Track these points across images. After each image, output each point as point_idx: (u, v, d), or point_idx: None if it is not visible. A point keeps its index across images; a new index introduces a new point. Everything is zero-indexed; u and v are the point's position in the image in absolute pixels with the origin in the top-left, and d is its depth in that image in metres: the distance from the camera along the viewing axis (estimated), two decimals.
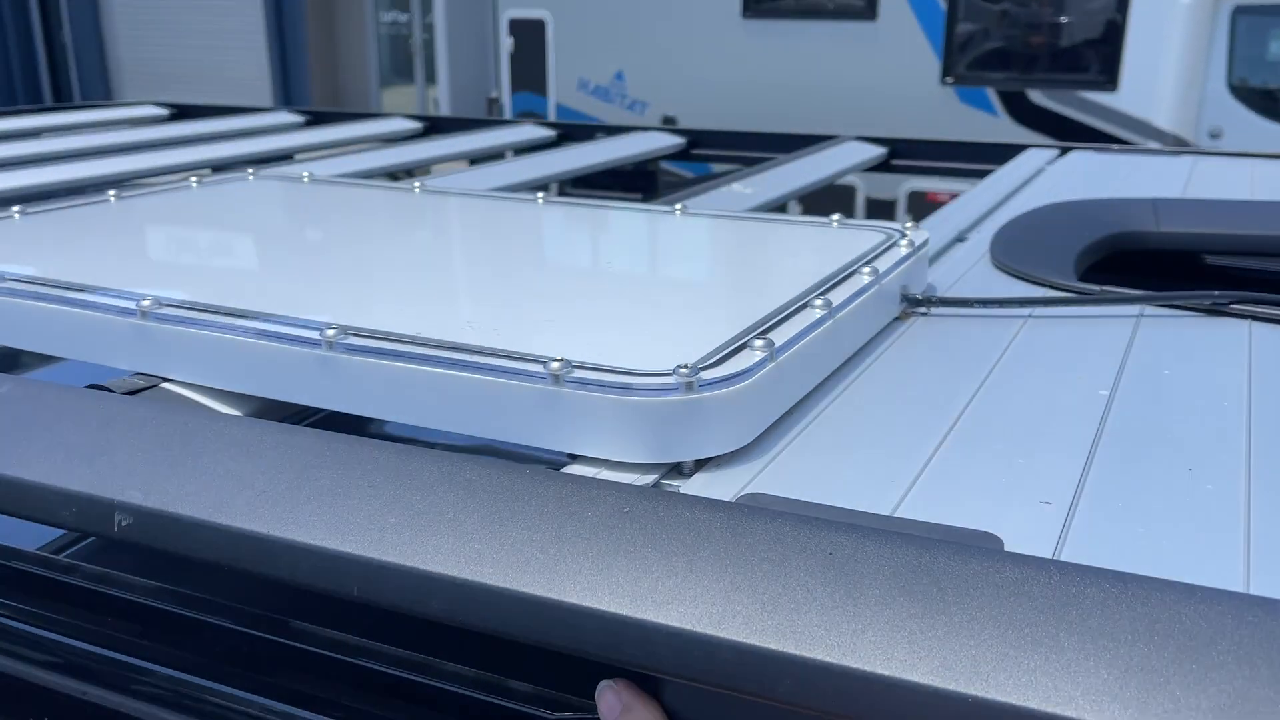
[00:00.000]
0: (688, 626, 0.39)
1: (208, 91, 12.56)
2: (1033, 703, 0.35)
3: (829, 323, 0.59)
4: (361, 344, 0.54)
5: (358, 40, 12.54)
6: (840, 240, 0.77)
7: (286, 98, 12.40)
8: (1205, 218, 1.05)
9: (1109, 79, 5.30)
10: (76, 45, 13.27)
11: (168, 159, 1.56)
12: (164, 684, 0.58)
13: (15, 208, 0.87)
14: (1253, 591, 0.40)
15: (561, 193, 1.91)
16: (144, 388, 0.60)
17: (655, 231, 0.82)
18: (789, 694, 0.37)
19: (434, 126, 1.98)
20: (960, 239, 0.99)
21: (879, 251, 0.73)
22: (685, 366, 0.49)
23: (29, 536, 0.71)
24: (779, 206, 1.30)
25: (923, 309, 0.73)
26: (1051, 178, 1.32)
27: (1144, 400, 0.57)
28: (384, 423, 0.57)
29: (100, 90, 13.24)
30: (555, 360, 0.50)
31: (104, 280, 0.65)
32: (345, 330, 0.55)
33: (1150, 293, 0.74)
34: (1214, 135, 5.00)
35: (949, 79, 5.71)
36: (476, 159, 1.73)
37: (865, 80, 5.97)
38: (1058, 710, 0.34)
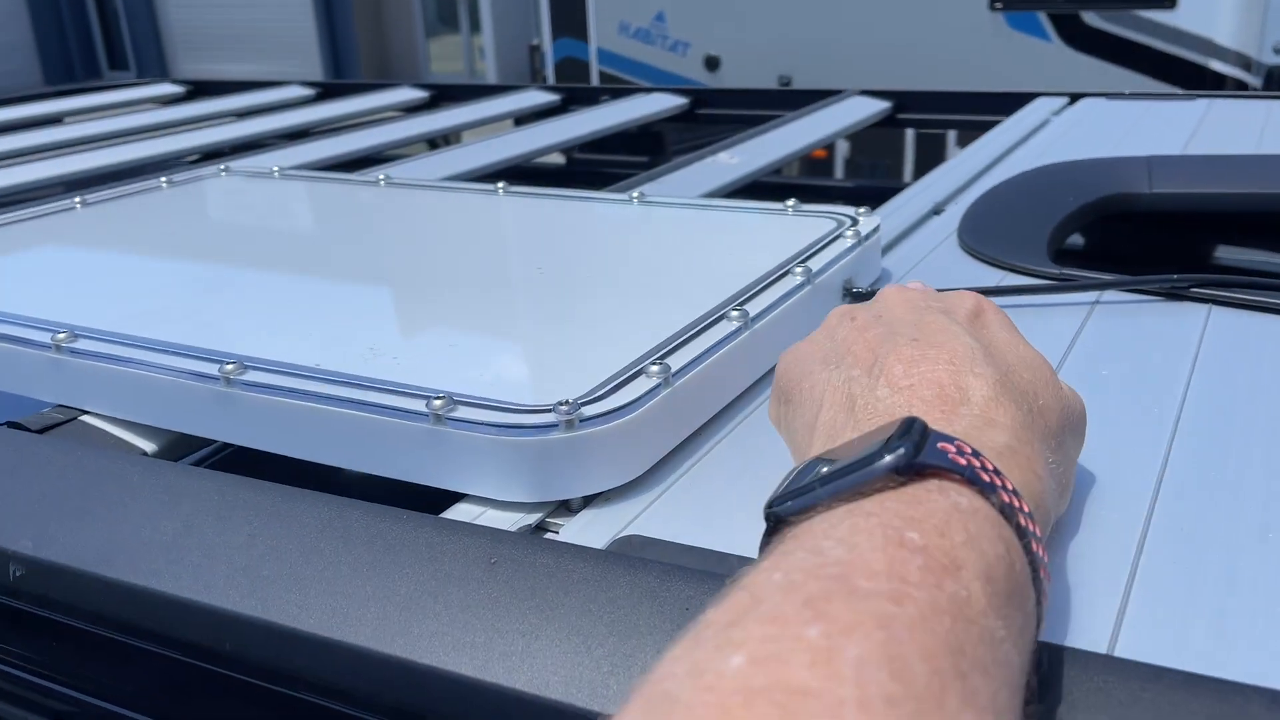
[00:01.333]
0: (534, 691, 0.38)
1: (257, 50, 12.64)
2: None
3: (743, 335, 0.57)
4: (258, 380, 0.54)
5: None
6: (786, 231, 0.74)
7: (333, 53, 12.43)
8: (1207, 175, 1.00)
9: None
10: (129, 12, 13.40)
11: (169, 145, 1.57)
12: (86, 711, 0.59)
13: None
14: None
15: (568, 159, 1.89)
16: (62, 421, 0.61)
17: (602, 228, 0.80)
18: None
19: (441, 95, 1.96)
20: (937, 211, 0.95)
21: (821, 245, 0.70)
22: (565, 403, 0.48)
23: None
24: (776, 170, 1.27)
25: None
26: (1053, 132, 1.26)
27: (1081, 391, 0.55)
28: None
29: (153, 55, 13.39)
30: (438, 398, 0.49)
31: (32, 306, 0.65)
32: (243, 364, 0.55)
33: (1112, 276, 0.71)
34: (1278, 51, 4.77)
35: (998, 4, 5.51)
36: (480, 129, 1.71)
37: (913, 10, 5.79)
38: None
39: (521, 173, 1.50)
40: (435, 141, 1.77)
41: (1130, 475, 0.48)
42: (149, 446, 0.60)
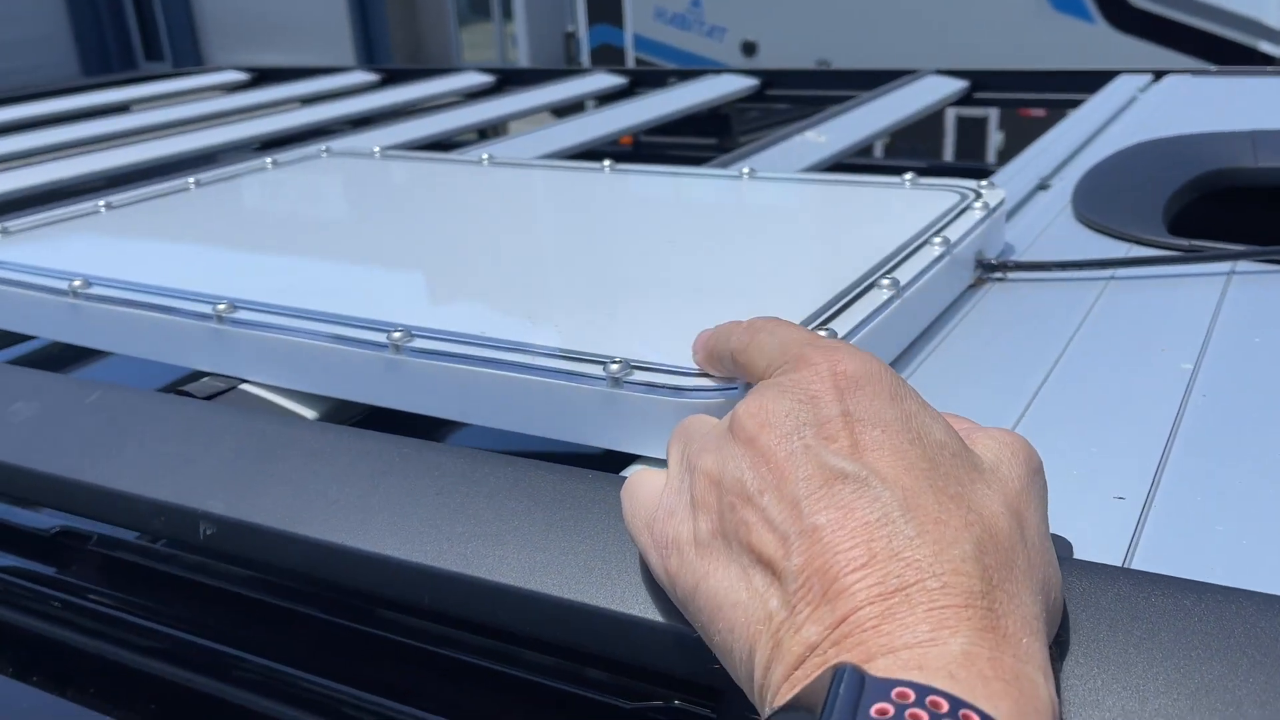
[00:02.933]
0: None
1: (291, 40, 12.73)
2: None
3: (896, 304, 0.58)
4: (426, 346, 0.55)
5: None
6: (911, 204, 0.75)
7: (366, 41, 12.50)
8: None
9: None
10: (164, 2, 13.53)
11: (250, 129, 1.59)
12: (257, 671, 0.61)
13: (101, 201, 0.90)
14: None
15: (634, 141, 1.89)
16: (223, 390, 0.62)
17: (720, 202, 0.81)
18: None
19: (506, 79, 1.97)
20: (1043, 186, 0.95)
21: (951, 217, 0.71)
22: None
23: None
24: (860, 151, 1.27)
25: (998, 274, 0.71)
26: (1143, 108, 1.25)
27: (1230, 375, 0.55)
28: (450, 421, 0.57)
29: (188, 43, 13.51)
30: (615, 362, 0.50)
31: (184, 280, 0.67)
32: (410, 332, 0.56)
33: (1244, 247, 0.71)
34: None
35: None
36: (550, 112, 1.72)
37: None
38: None
39: (589, 156, 1.50)
40: (494, 129, 1.78)
41: None
42: (310, 414, 0.61)
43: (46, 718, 0.62)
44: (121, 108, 2.10)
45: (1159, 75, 1.45)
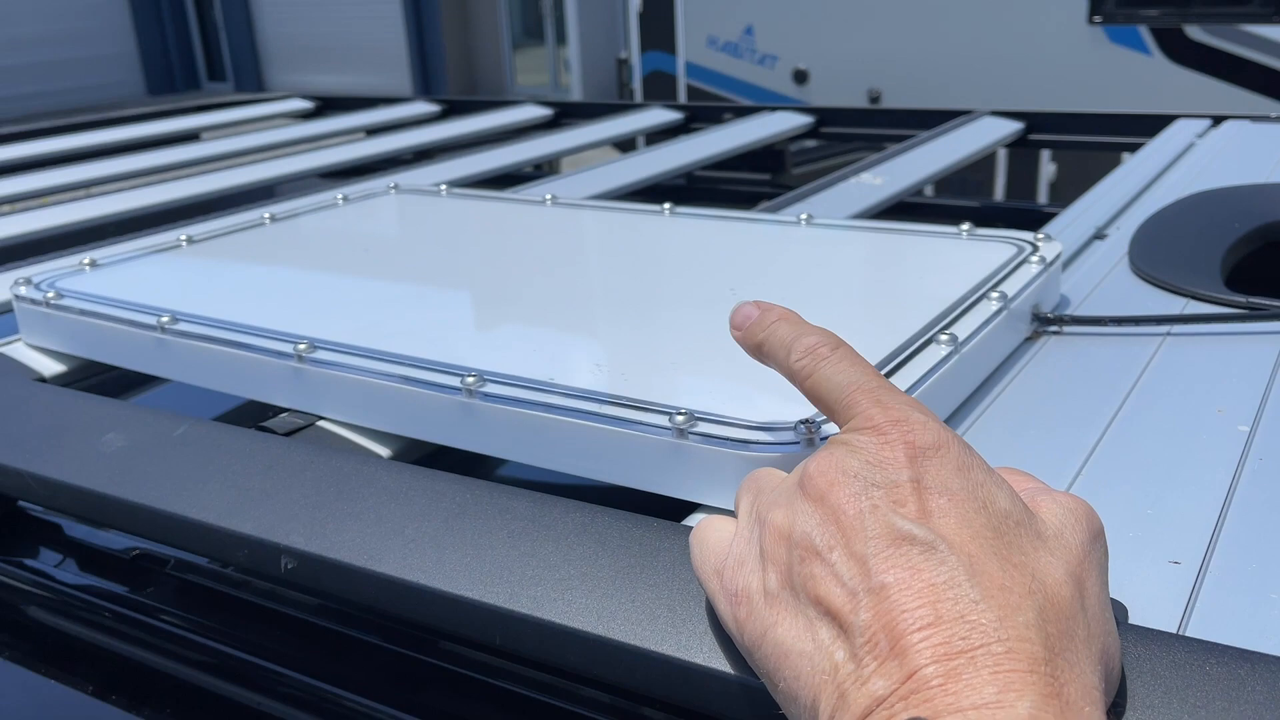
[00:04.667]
0: None
1: (349, 63, 12.99)
2: None
3: (954, 360, 0.59)
4: (498, 392, 0.58)
5: (489, 4, 12.73)
6: (968, 255, 0.76)
7: (422, 64, 12.72)
8: None
9: (1274, 10, 4.95)
10: (228, 23, 13.90)
11: (316, 160, 1.64)
12: (314, 694, 0.63)
13: (182, 235, 0.94)
14: None
15: (688, 175, 1.92)
16: (302, 427, 0.65)
17: (780, 249, 0.83)
18: None
19: (564, 112, 2.01)
20: (1100, 236, 0.95)
21: (1009, 270, 0.72)
22: (806, 422, 0.50)
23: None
24: (915, 192, 1.28)
25: (1054, 329, 0.72)
26: (1201, 155, 1.25)
27: None
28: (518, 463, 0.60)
29: (250, 64, 13.85)
30: (680, 413, 0.52)
31: (264, 318, 0.70)
32: (482, 377, 0.58)
33: None
34: None
35: (1097, 17, 5.42)
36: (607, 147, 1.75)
37: (1005, 24, 5.72)
38: None
39: (645, 190, 1.53)
40: (550, 165, 1.82)
41: None
42: (383, 451, 0.64)
43: None
44: (192, 135, 2.17)
45: (1217, 120, 1.44)
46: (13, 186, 1.53)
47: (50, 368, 0.79)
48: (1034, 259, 0.73)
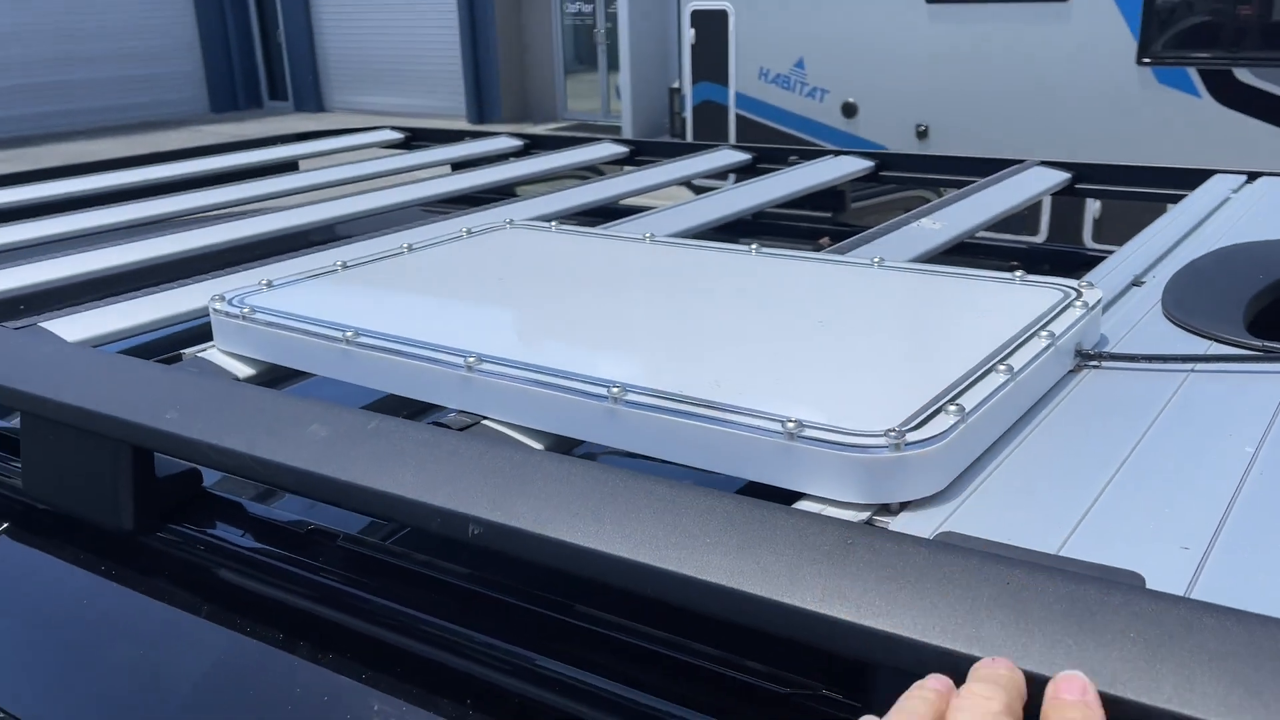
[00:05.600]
0: (899, 632, 0.54)
1: (407, 84, 13.32)
2: (1159, 703, 0.48)
3: (1010, 385, 0.73)
4: (640, 400, 0.72)
5: (544, 31, 13.02)
6: (1021, 299, 0.89)
7: (477, 88, 13.01)
8: None
9: None
10: (290, 44, 14.33)
11: (415, 193, 1.80)
12: (455, 639, 0.77)
13: (337, 261, 1.09)
14: None
15: (756, 214, 2.06)
16: (469, 424, 0.80)
17: (857, 288, 0.97)
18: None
19: (639, 150, 2.16)
20: (1137, 283, 1.08)
21: (1056, 312, 0.85)
22: (893, 430, 0.64)
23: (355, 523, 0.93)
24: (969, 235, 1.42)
25: (1094, 363, 0.85)
26: (1236, 209, 1.37)
27: None
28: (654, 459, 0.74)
29: (310, 86, 14.25)
30: (791, 421, 0.66)
31: (434, 336, 0.85)
32: (625, 388, 0.73)
33: None
34: None
35: (1146, 59, 5.51)
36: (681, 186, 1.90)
37: (1056, 64, 5.81)
38: (1181, 710, 0.47)
39: (719, 227, 1.67)
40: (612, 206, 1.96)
41: None
42: (538, 445, 0.78)
43: (306, 679, 0.79)
44: (292, 164, 2.35)
45: (1252, 177, 1.56)
46: (144, 210, 1.70)
47: (242, 370, 0.95)
48: (1078, 304, 0.87)
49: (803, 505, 0.66)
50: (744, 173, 2.02)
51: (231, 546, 0.92)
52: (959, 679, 0.52)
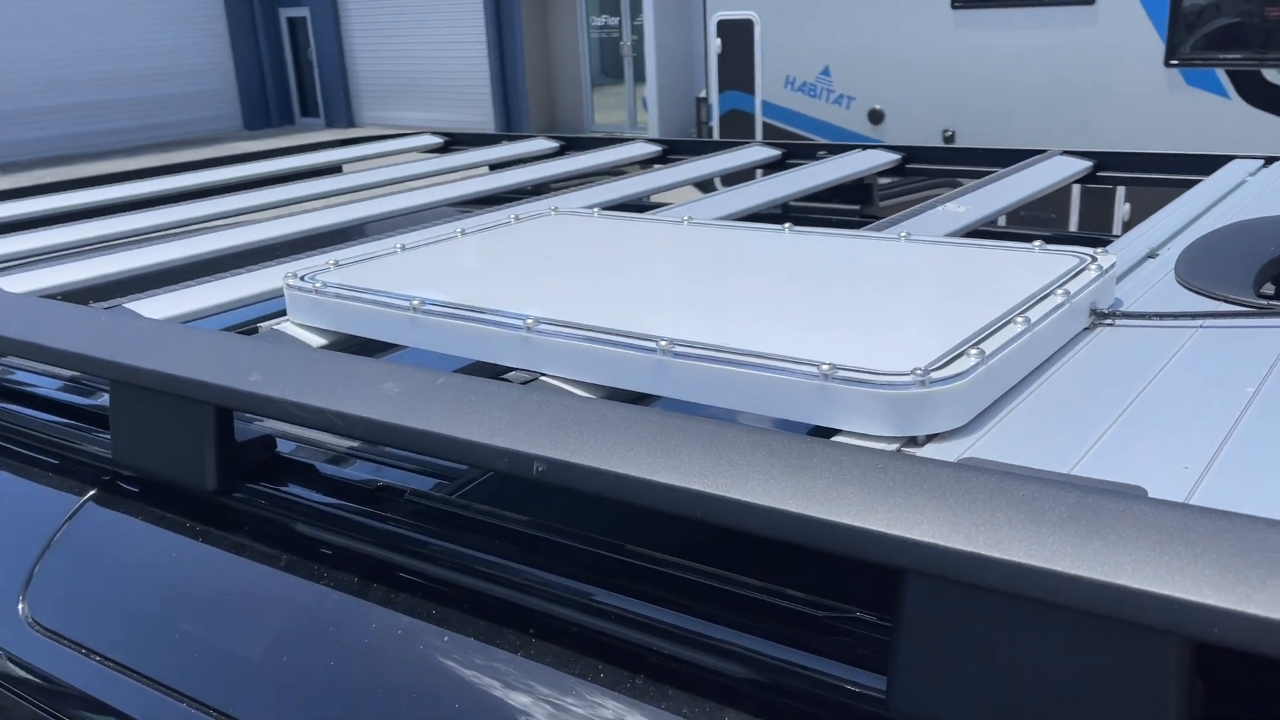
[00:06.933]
0: (930, 540, 0.60)
1: (435, 100, 13.50)
2: (1154, 588, 0.54)
3: (1028, 335, 0.79)
4: (686, 351, 0.79)
5: (570, 44, 13.17)
6: (1039, 264, 0.95)
7: (505, 102, 13.17)
8: None
9: None
10: (321, 61, 14.58)
11: (457, 190, 1.89)
12: (509, 574, 0.84)
13: (398, 244, 1.17)
14: None
15: (784, 206, 2.13)
16: (529, 379, 0.87)
17: (886, 258, 1.03)
18: (988, 581, 0.58)
19: (672, 149, 2.24)
20: (1152, 255, 1.14)
21: (1072, 274, 0.91)
22: (919, 369, 0.71)
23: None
24: (993, 220, 1.47)
25: (1108, 321, 0.91)
26: (1251, 190, 1.42)
27: None
28: (702, 405, 0.80)
29: (341, 103, 14.48)
30: (825, 364, 0.73)
31: (493, 304, 0.92)
32: (673, 342, 0.80)
33: None
34: None
35: (1174, 61, 5.53)
36: (712, 182, 1.97)
37: (1083, 67, 5.84)
38: (1171, 592, 0.54)
39: (748, 218, 1.73)
40: (647, 200, 2.03)
41: None
42: (592, 397, 0.85)
43: (379, 622, 0.86)
44: (335, 168, 2.44)
45: (1269, 161, 1.61)
46: (207, 209, 1.80)
47: (315, 340, 1.03)
48: (1093, 267, 0.93)
49: (839, 439, 0.73)
50: (774, 168, 2.09)
51: (306, 503, 0.99)
52: (980, 580, 0.58)
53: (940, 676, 0.65)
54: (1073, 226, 4.36)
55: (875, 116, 6.62)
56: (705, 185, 2.22)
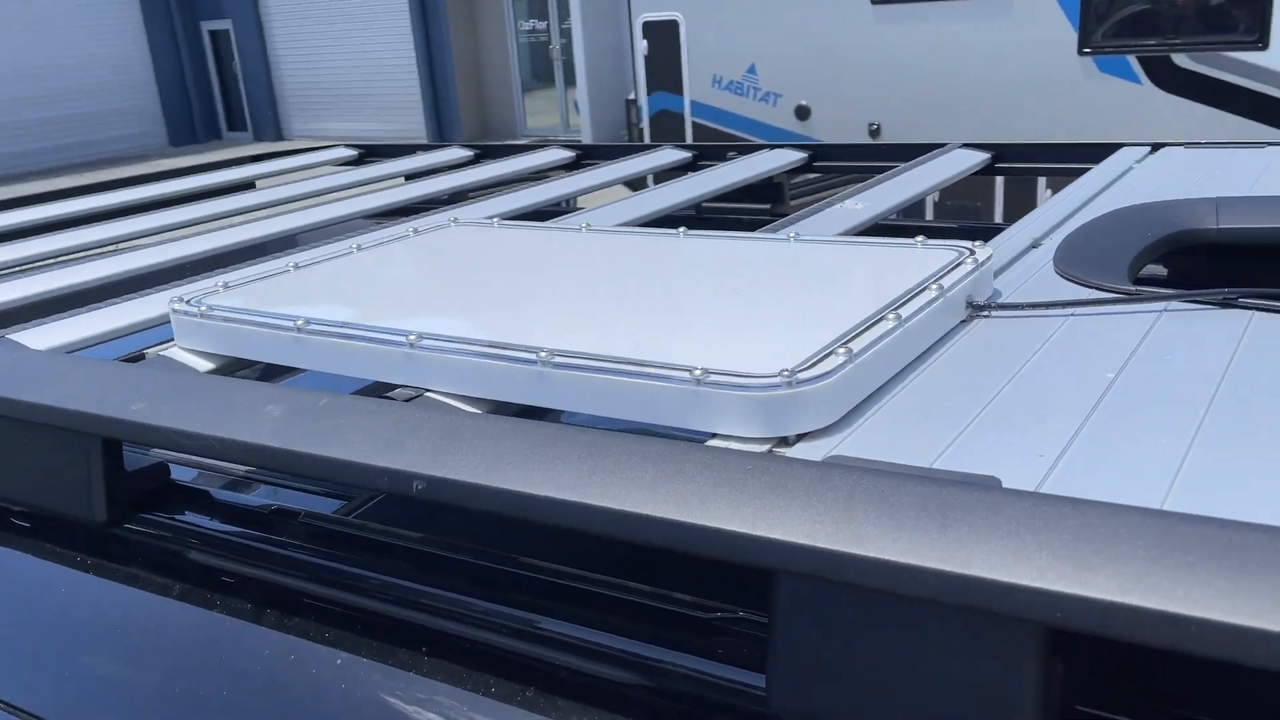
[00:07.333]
0: (792, 540, 0.61)
1: (365, 110, 13.36)
2: (999, 576, 0.55)
3: (898, 331, 0.81)
4: (566, 361, 0.79)
5: (500, 49, 13.12)
6: (918, 260, 0.97)
7: (436, 111, 13.08)
8: (1268, 212, 1.20)
9: (1258, 37, 5.19)
10: (246, 76, 14.34)
11: (368, 203, 1.87)
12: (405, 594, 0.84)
13: (289, 262, 1.16)
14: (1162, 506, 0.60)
15: (698, 208, 2.14)
16: (414, 396, 0.86)
17: (772, 259, 1.04)
18: (850, 577, 0.59)
19: (586, 154, 2.24)
20: (1035, 245, 1.17)
21: (949, 269, 0.93)
22: (786, 370, 0.72)
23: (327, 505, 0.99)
24: (889, 216, 1.50)
25: (985, 313, 0.93)
26: (1136, 178, 1.47)
27: (1139, 381, 0.76)
28: (579, 415, 0.81)
29: (268, 116, 14.27)
30: (698, 369, 0.73)
31: (379, 320, 0.92)
32: (554, 353, 0.80)
33: (1175, 291, 0.92)
34: None
35: (1087, 49, 5.66)
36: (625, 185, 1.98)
37: (1000, 58, 5.96)
38: (1015, 580, 0.55)
39: (658, 221, 1.75)
40: (571, 201, 2.04)
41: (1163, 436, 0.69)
42: (476, 412, 0.85)
43: (276, 649, 0.85)
44: (248, 184, 2.41)
45: (1156, 148, 1.66)
46: (106, 232, 1.76)
47: (201, 365, 1.01)
48: (969, 260, 0.95)
49: (713, 444, 0.74)
50: (686, 170, 2.10)
51: (199, 531, 0.98)
52: (842, 577, 0.60)
53: (814, 672, 0.66)
54: (998, 217, 4.45)
55: (802, 113, 6.68)
56: (631, 187, 2.22)
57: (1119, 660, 0.68)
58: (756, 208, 2.00)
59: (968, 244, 1.00)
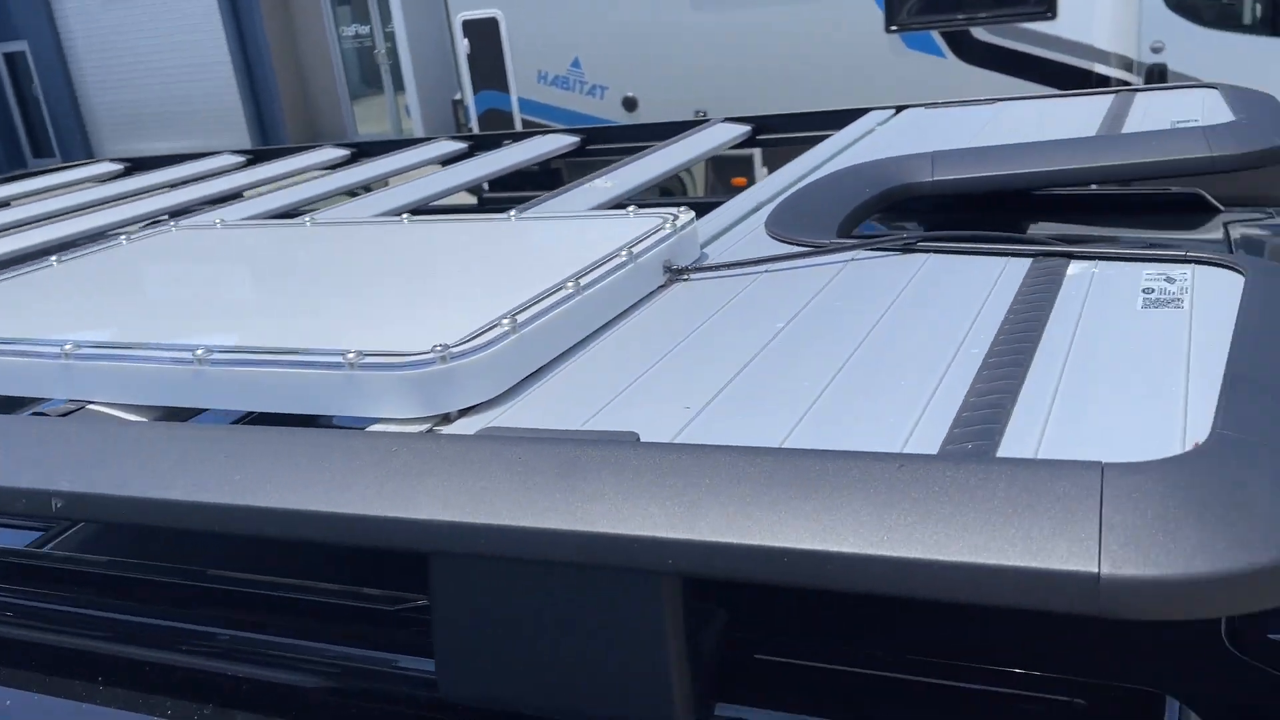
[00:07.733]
0: (426, 517, 0.59)
1: (185, 127, 12.77)
2: (627, 530, 0.54)
3: (575, 300, 0.79)
4: (223, 357, 0.75)
5: (322, 57, 12.72)
6: (623, 228, 0.96)
7: (260, 123, 12.61)
8: (979, 164, 1.24)
9: (1047, 7, 5.47)
10: (49, 98, 13.49)
11: (115, 216, 1.76)
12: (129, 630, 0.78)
13: None
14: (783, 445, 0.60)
15: (479, 197, 2.10)
16: (74, 410, 0.80)
17: (479, 239, 1.02)
18: (487, 549, 0.57)
19: (362, 151, 2.18)
20: (757, 210, 1.18)
21: (645, 236, 0.92)
22: (440, 345, 0.69)
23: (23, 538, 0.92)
24: (647, 191, 1.50)
25: (683, 277, 0.93)
26: (875, 138, 1.51)
27: (806, 329, 0.77)
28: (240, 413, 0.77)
29: (77, 139, 13.47)
30: (351, 353, 0.70)
31: (39, 333, 0.85)
32: (210, 350, 0.75)
33: (859, 239, 0.94)
34: (1155, 49, 5.17)
35: (894, 27, 5.87)
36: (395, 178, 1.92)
37: (813, 40, 6.12)
38: (640, 531, 0.54)
39: (438, 211, 1.70)
40: (355, 192, 1.98)
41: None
42: (140, 420, 0.80)
43: None
44: (3, 203, 2.24)
45: (899, 110, 1.71)
46: None
47: None
48: (667, 226, 0.94)
49: (375, 428, 0.71)
50: (463, 159, 2.06)
51: None
52: (479, 549, 0.58)
53: (476, 649, 0.64)
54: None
55: (629, 104, 6.71)
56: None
57: (800, 605, 0.68)
58: (535, 194, 1.98)
59: (673, 210, 1.00)
